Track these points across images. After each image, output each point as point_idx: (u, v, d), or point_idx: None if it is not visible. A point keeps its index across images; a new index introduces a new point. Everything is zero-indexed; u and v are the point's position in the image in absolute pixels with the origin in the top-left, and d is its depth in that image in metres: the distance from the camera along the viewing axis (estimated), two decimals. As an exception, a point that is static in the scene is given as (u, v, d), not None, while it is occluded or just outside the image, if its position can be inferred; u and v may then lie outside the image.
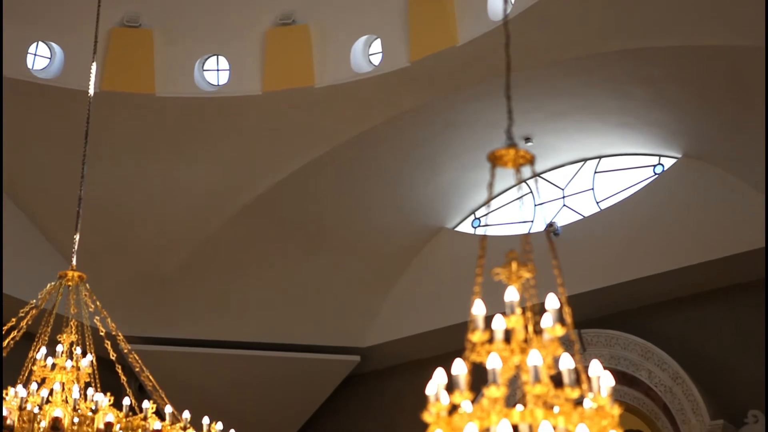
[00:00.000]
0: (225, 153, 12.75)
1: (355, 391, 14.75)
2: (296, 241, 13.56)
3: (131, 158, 12.72)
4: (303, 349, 14.21)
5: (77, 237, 9.30)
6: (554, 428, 3.72)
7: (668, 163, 12.96)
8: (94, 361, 8.83)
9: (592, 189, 13.64)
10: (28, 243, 12.84)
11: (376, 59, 12.47)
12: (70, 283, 8.99)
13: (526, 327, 4.09)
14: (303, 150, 12.76)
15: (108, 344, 8.91)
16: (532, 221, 13.67)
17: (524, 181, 4.39)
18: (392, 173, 13.25)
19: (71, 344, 8.82)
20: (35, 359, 8.63)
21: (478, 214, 14.21)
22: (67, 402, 7.80)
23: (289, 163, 12.86)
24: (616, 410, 3.85)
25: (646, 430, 11.98)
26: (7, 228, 12.43)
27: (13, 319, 8.87)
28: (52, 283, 9.02)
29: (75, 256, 9.20)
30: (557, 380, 3.89)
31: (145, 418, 7.83)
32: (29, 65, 12.37)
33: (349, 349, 14.40)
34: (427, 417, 3.85)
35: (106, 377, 9.12)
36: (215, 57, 12.88)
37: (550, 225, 13.31)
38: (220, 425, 8.25)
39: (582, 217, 13.39)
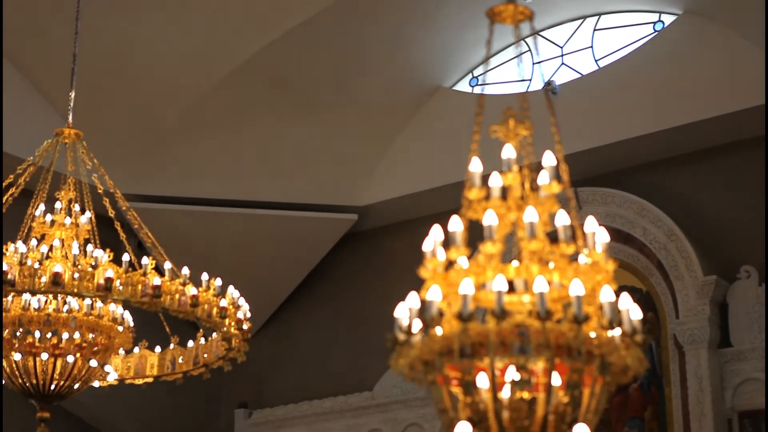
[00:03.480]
0: (219, 12, 12.57)
1: (352, 250, 14.88)
2: (293, 100, 13.49)
3: (125, 15, 12.55)
4: (300, 208, 14.28)
5: (73, 94, 9.25)
6: (549, 283, 3.77)
7: (668, 20, 12.82)
8: (93, 218, 8.89)
9: (591, 47, 13.52)
10: (23, 100, 12.76)
11: None
12: (66, 141, 8.99)
13: (522, 184, 4.11)
14: (297, 8, 12.58)
15: (106, 202, 8.96)
16: (530, 80, 13.59)
17: (523, 38, 4.35)
18: (389, 32, 13.10)
19: (69, 201, 8.87)
20: (34, 216, 8.70)
21: (476, 72, 14.12)
22: (66, 258, 7.88)
23: (283, 22, 12.69)
24: (611, 265, 3.89)
25: (640, 286, 12.14)
26: (2, 86, 12.35)
27: (11, 176, 8.90)
28: (49, 141, 9.02)
29: (71, 114, 9.17)
30: (553, 237, 3.93)
31: (144, 274, 7.91)
32: None
33: (346, 208, 14.47)
34: (424, 273, 3.89)
35: (105, 234, 9.20)
36: None
37: (549, 83, 13.24)
38: (218, 281, 8.34)
39: (580, 76, 13.32)
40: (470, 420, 3.67)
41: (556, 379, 3.66)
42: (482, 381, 3.67)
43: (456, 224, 3.90)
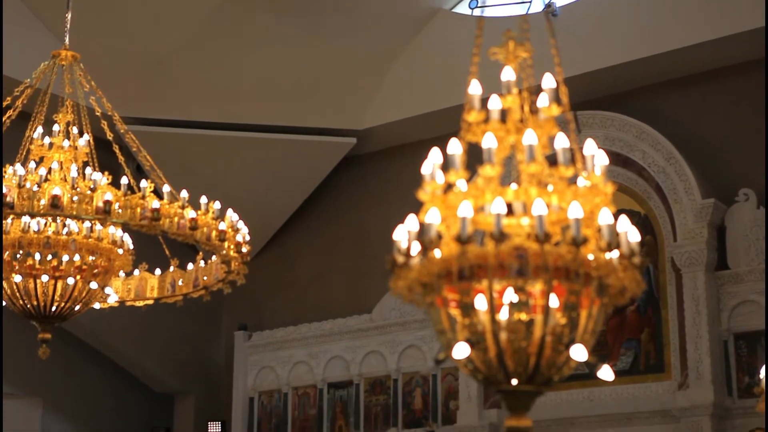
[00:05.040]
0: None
1: (351, 173, 14.88)
2: (292, 22, 13.38)
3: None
4: (299, 131, 14.25)
5: (69, 15, 9.17)
6: (548, 206, 3.77)
7: (670, -59, 12.68)
8: (91, 141, 8.87)
9: (592, -32, 13.38)
10: (19, 22, 12.65)
11: None
12: (63, 63, 8.93)
13: (522, 107, 4.09)
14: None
15: (104, 124, 8.93)
16: (530, 2, 13.47)
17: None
18: (388, -49, 12.97)
19: (67, 124, 8.84)
20: (32, 138, 8.68)
21: (476, -6, 13.99)
22: (65, 180, 7.87)
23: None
24: (609, 188, 3.89)
25: (638, 209, 12.16)
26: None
27: (8, 98, 8.86)
28: (46, 63, 8.96)
29: (68, 36, 9.10)
30: (552, 160, 3.92)
31: (143, 197, 7.91)
32: None
33: (345, 131, 14.44)
34: (423, 196, 3.89)
35: (103, 158, 9.18)
36: None
37: (549, 5, 13.13)
38: (218, 204, 8.34)
39: (581, -2, 13.20)
40: (468, 341, 3.70)
41: (554, 301, 3.68)
42: (480, 303, 3.69)
43: (455, 147, 3.89)
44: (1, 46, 11.74)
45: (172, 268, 9.34)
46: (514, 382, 3.69)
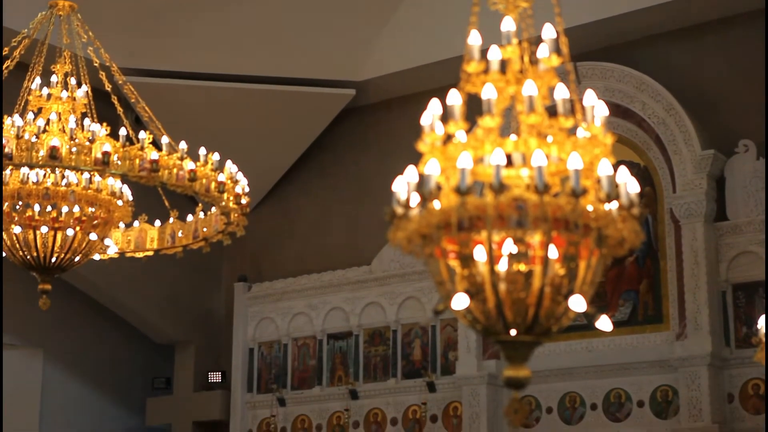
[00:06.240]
0: None
1: (349, 125, 14.84)
2: (290, -29, 13.30)
3: None
4: (298, 83, 14.19)
5: (66, -36, 9.11)
6: (547, 157, 3.77)
7: None
8: (90, 92, 8.83)
9: None
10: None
11: None
12: (61, 13, 8.88)
13: (521, 57, 4.08)
14: None
15: (103, 75, 8.89)
16: (530, -49, 13.36)
17: None
18: None
19: (66, 75, 8.80)
20: (30, 89, 8.65)
21: (476, -57, 13.87)
22: (64, 132, 7.85)
23: None
24: (609, 139, 3.88)
25: (638, 161, 12.16)
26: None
27: (6, 49, 8.82)
28: (43, 13, 8.90)
29: (65, -14, 9.04)
30: (552, 111, 3.91)
31: (142, 148, 7.90)
32: None
33: (343, 83, 14.39)
34: (422, 147, 3.88)
35: (102, 109, 9.16)
36: None
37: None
38: (216, 155, 8.33)
39: (582, -53, 13.10)
40: (467, 292, 3.71)
41: (553, 252, 3.69)
42: (479, 254, 3.70)
43: (454, 98, 3.88)
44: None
45: (171, 220, 9.34)
46: (513, 332, 3.70)
